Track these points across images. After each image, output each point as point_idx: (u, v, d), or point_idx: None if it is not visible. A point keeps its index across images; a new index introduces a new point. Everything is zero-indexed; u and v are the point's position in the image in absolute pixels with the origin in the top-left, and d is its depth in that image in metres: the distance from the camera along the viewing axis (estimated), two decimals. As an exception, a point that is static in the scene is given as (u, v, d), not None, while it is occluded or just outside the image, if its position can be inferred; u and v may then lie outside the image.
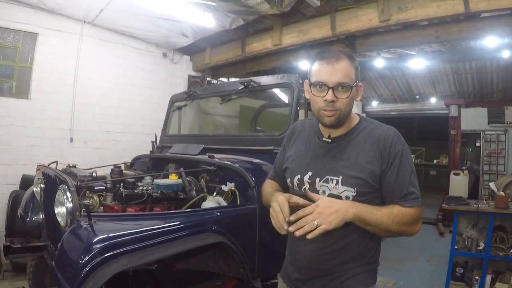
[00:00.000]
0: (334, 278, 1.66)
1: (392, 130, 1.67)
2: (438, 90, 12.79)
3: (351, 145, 1.66)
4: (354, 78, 1.59)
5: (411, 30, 5.52)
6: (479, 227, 4.45)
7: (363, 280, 1.67)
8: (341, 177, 1.60)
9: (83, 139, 6.39)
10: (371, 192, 1.60)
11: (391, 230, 1.56)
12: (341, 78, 1.55)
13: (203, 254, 2.73)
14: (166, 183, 2.85)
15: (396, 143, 1.61)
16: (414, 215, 1.59)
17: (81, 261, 1.89)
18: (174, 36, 6.71)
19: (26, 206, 3.60)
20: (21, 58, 5.74)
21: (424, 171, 13.85)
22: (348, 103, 1.60)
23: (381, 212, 1.54)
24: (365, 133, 1.67)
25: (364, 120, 1.74)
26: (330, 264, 1.66)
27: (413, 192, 1.60)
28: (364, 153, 1.62)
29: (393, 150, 1.60)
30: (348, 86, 1.57)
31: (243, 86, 3.66)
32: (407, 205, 1.58)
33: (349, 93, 1.58)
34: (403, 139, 1.67)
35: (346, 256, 1.64)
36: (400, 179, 1.59)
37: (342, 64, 1.57)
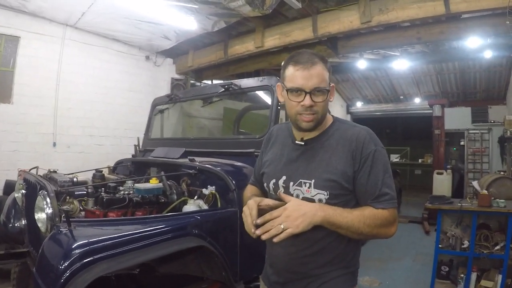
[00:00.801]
0: (312, 282, 1.65)
1: (365, 131, 1.65)
2: (422, 90, 12.96)
3: (324, 147, 1.65)
4: (328, 80, 1.60)
5: (392, 32, 5.60)
6: (463, 225, 4.45)
7: (341, 284, 1.66)
8: (314, 180, 1.59)
9: (66, 143, 6.37)
10: (345, 194, 1.59)
11: (363, 233, 1.54)
12: (318, 83, 1.55)
13: (185, 258, 2.73)
14: (146, 187, 2.84)
15: (368, 143, 1.59)
16: (387, 217, 1.56)
17: (61, 267, 1.89)
18: (156, 39, 6.72)
19: (8, 212, 3.57)
20: (3, 62, 5.71)
21: (409, 171, 13.98)
22: (324, 106, 1.60)
23: (351, 214, 1.52)
24: (338, 134, 1.66)
25: (337, 121, 1.73)
26: (306, 267, 1.65)
27: (387, 193, 1.57)
28: (337, 155, 1.60)
29: (365, 151, 1.58)
30: (325, 90, 1.58)
31: (224, 89, 3.68)
32: (380, 207, 1.55)
33: (326, 97, 1.59)
34: (377, 139, 1.65)
35: (323, 259, 1.63)
36: (372, 180, 1.57)
37: (318, 69, 1.56)
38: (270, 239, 1.77)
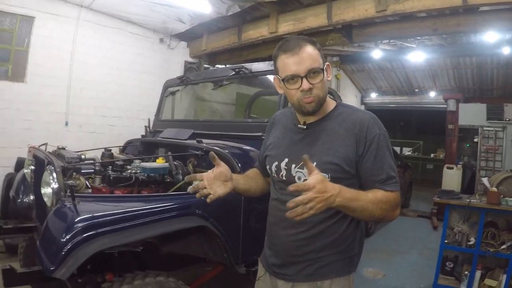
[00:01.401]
0: (309, 265, 1.66)
1: (368, 115, 1.65)
2: (437, 84, 12.80)
3: (326, 130, 1.65)
4: (321, 60, 1.58)
5: (408, 22, 5.50)
6: (471, 222, 4.40)
7: (339, 269, 1.67)
8: (315, 163, 1.54)
9: (78, 123, 6.41)
10: (346, 178, 1.58)
11: (375, 216, 1.55)
12: (310, 64, 1.54)
13: (188, 238, 2.75)
14: (152, 167, 2.86)
15: (372, 127, 1.58)
16: (395, 199, 1.59)
17: (63, 240, 1.92)
18: (171, 22, 6.70)
19: (17, 188, 3.61)
20: (18, 42, 5.74)
21: (421, 165, 13.86)
22: (323, 87, 1.58)
23: (366, 197, 1.51)
24: (341, 118, 1.65)
25: (340, 106, 1.72)
26: (305, 250, 1.65)
27: (393, 176, 1.59)
28: (339, 138, 1.60)
29: (370, 135, 1.57)
30: (320, 70, 1.56)
31: (234, 72, 3.66)
32: (389, 189, 1.56)
33: (321, 77, 1.57)
34: (381, 123, 1.64)
35: (321, 242, 1.64)
36: (378, 164, 1.57)
37: (307, 51, 1.55)
38: (271, 220, 1.79)
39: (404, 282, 4.91)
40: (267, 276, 1.83)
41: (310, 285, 1.66)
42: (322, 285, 1.64)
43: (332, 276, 1.65)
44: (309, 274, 1.66)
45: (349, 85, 13.96)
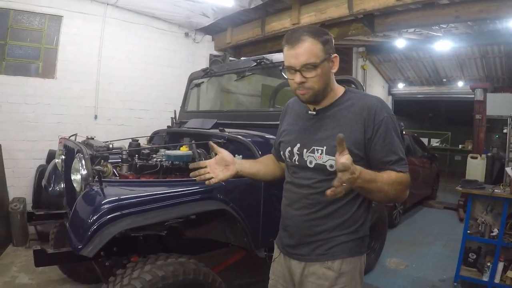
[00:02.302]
0: (321, 245, 1.71)
1: (375, 99, 1.69)
2: (465, 73, 12.52)
3: (335, 115, 1.70)
4: (321, 53, 1.60)
5: (430, 10, 5.40)
6: (494, 213, 4.31)
7: (350, 249, 1.71)
8: (325, 147, 1.64)
9: (107, 116, 6.61)
10: (355, 160, 1.54)
11: (390, 196, 1.59)
12: (305, 60, 1.58)
13: (210, 223, 2.86)
14: (176, 154, 2.97)
15: (380, 111, 1.63)
16: (407, 179, 1.62)
17: (90, 220, 2.05)
18: (195, 17, 6.79)
19: (49, 177, 3.79)
20: (47, 40, 5.96)
21: (449, 156, 13.61)
22: (318, 80, 1.62)
23: (382, 178, 1.54)
24: (349, 103, 1.69)
25: (349, 92, 1.76)
26: (317, 230, 1.71)
27: (403, 158, 1.63)
28: (348, 123, 1.65)
29: (378, 118, 1.61)
30: (313, 65, 1.59)
31: (255, 63, 3.73)
32: (400, 170, 1.60)
33: (317, 71, 1.60)
34: (389, 107, 1.69)
35: (333, 222, 1.69)
36: (388, 146, 1.61)
37: (305, 45, 1.58)
38: (285, 202, 1.86)
39: (426, 273, 4.91)
40: (282, 257, 1.90)
41: (321, 264, 1.71)
42: (333, 264, 1.69)
43: (343, 256, 1.70)
44: (320, 253, 1.72)
45: (376, 75, 13.79)
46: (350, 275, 1.70)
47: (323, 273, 1.70)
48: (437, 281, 4.69)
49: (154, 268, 2.16)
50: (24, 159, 5.73)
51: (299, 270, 1.77)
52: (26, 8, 5.66)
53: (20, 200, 5.33)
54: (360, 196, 1.70)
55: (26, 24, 5.75)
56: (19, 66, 5.75)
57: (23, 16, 5.70)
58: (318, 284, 1.71)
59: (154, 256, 2.30)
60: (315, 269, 1.72)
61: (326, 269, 1.69)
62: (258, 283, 2.33)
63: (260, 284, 2.07)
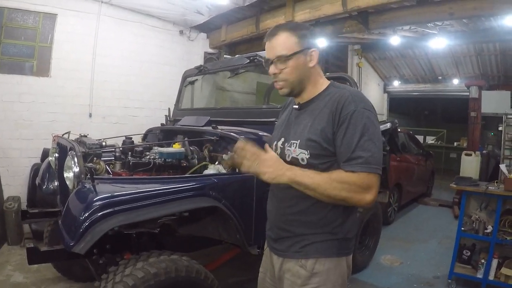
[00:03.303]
0: (296, 242, 1.70)
1: (349, 92, 1.63)
2: (461, 71, 12.55)
3: (312, 109, 1.70)
4: (295, 46, 1.63)
5: (424, 7, 5.41)
6: (489, 210, 4.32)
7: (324, 249, 1.67)
8: (299, 141, 1.65)
9: (102, 114, 6.60)
10: (326, 155, 1.60)
11: (331, 195, 1.53)
12: (278, 51, 1.63)
13: (204, 220, 2.86)
14: (169, 151, 2.98)
15: (348, 104, 1.57)
16: (356, 181, 1.51)
17: (82, 217, 2.05)
18: (190, 14, 6.79)
19: (43, 175, 3.79)
20: (41, 38, 5.94)
21: (445, 153, 13.64)
22: (291, 72, 1.65)
23: (319, 176, 1.53)
24: (328, 98, 1.67)
25: (332, 86, 1.74)
26: (292, 225, 1.71)
27: (360, 156, 1.51)
28: (320, 116, 1.63)
29: (344, 111, 1.56)
30: (285, 57, 1.62)
31: (248, 60, 3.74)
32: (348, 169, 1.52)
33: (290, 62, 1.64)
34: (363, 101, 1.61)
35: (307, 219, 1.67)
36: (346, 141, 1.54)
37: (279, 38, 1.63)
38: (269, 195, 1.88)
39: (421, 270, 4.92)
40: (268, 250, 1.91)
41: (296, 262, 1.70)
42: (306, 263, 1.66)
43: (317, 255, 1.66)
44: (295, 251, 1.70)
45: (371, 73, 13.82)
46: (324, 276, 1.66)
47: (296, 271, 1.69)
48: (431, 278, 4.70)
49: (146, 265, 2.16)
50: (18, 157, 5.72)
51: (278, 266, 1.79)
52: (20, 6, 5.65)
53: (14, 198, 5.31)
54: None
55: (21, 22, 5.73)
56: (14, 65, 5.73)
57: (18, 14, 5.68)
58: (292, 281, 1.70)
59: (146, 253, 2.30)
60: (291, 266, 1.71)
61: (300, 267, 1.68)
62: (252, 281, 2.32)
63: (254, 282, 2.06)
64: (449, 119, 18.27)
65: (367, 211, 4.53)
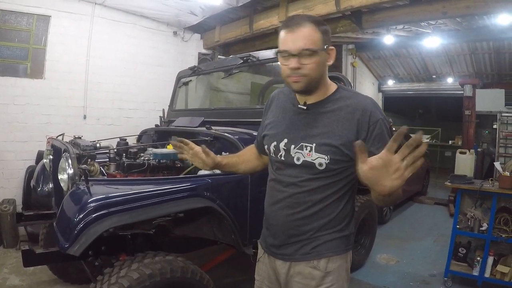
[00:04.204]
0: (306, 244, 1.67)
1: (370, 100, 1.64)
2: (455, 70, 12.61)
3: (326, 112, 1.63)
4: (320, 42, 1.53)
5: (417, 6, 5.44)
6: (484, 207, 4.33)
7: (335, 247, 1.67)
8: (315, 145, 1.59)
9: (96, 116, 6.58)
10: (345, 160, 1.58)
11: (400, 198, 1.57)
12: (304, 44, 1.50)
13: (199, 221, 2.87)
14: (163, 152, 2.99)
15: (375, 113, 1.57)
16: None
17: (76, 219, 2.05)
18: (183, 15, 6.79)
19: (38, 177, 3.78)
20: (35, 40, 5.92)
21: (440, 152, 13.68)
22: (315, 68, 1.54)
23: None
24: (342, 101, 1.63)
25: (341, 89, 1.69)
26: (303, 229, 1.67)
27: None
28: (339, 122, 1.59)
29: (373, 120, 1.55)
30: (312, 51, 1.51)
31: (242, 60, 3.74)
32: None
33: (315, 58, 1.53)
34: (381, 109, 1.65)
35: (319, 222, 1.65)
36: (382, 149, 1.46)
37: (305, 30, 1.51)
38: (269, 201, 1.81)
39: (417, 268, 4.94)
40: (266, 257, 1.85)
41: (307, 264, 1.67)
42: (319, 263, 1.65)
43: (329, 254, 1.66)
44: (305, 253, 1.67)
45: (365, 72, 13.85)
46: (336, 273, 1.67)
47: (309, 272, 1.66)
48: (427, 276, 4.72)
49: (141, 266, 2.16)
50: (13, 160, 5.69)
51: (284, 271, 1.73)
52: (13, 8, 5.62)
53: (10, 201, 5.30)
54: (346, 196, 1.67)
55: (14, 24, 5.71)
56: (7, 67, 5.70)
57: (11, 16, 5.66)
58: (304, 284, 1.67)
59: (141, 255, 2.30)
60: (301, 268, 1.68)
61: (312, 268, 1.66)
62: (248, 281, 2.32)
63: (249, 282, 2.06)
64: (443, 118, 18.34)
65: (362, 210, 4.55)
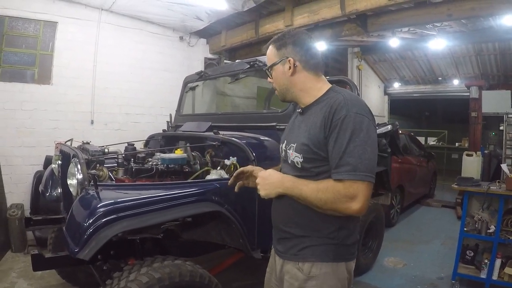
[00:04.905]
0: (295, 244, 1.73)
1: (342, 97, 1.60)
2: (461, 71, 12.57)
3: (310, 114, 1.72)
4: (274, 58, 1.77)
5: (422, 8, 5.43)
6: (491, 210, 4.32)
7: (320, 254, 1.67)
8: (296, 144, 1.70)
9: (104, 121, 6.62)
10: (318, 159, 1.61)
11: (318, 206, 1.56)
12: (268, 63, 1.80)
13: (207, 225, 2.88)
14: (171, 157, 3.00)
15: (340, 109, 1.54)
16: (341, 190, 1.49)
17: (86, 224, 2.07)
18: (189, 20, 6.82)
19: (46, 182, 3.79)
20: (42, 46, 5.97)
21: (446, 154, 13.64)
22: (276, 81, 1.81)
23: (307, 187, 1.57)
24: (325, 102, 1.66)
25: (331, 90, 1.72)
26: (290, 226, 1.75)
27: (348, 162, 1.49)
28: (313, 121, 1.64)
29: (336, 116, 1.54)
30: (269, 69, 1.81)
31: (249, 65, 3.76)
32: (337, 177, 1.51)
33: (272, 73, 1.80)
34: (357, 105, 1.57)
35: (302, 221, 1.70)
36: (336, 147, 1.52)
37: (268, 52, 1.81)
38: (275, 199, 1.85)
39: (424, 271, 4.92)
40: (273, 250, 1.96)
41: (294, 264, 1.73)
42: (303, 266, 1.69)
43: (313, 259, 1.67)
44: (293, 253, 1.73)
45: (371, 75, 13.85)
46: (321, 280, 1.66)
47: (294, 273, 1.72)
48: (435, 279, 4.70)
49: (150, 271, 2.18)
50: (21, 165, 5.73)
51: (279, 267, 1.83)
52: (21, 15, 5.68)
53: (18, 206, 5.34)
54: None
55: (21, 31, 5.77)
56: (15, 73, 5.76)
57: (18, 22, 5.72)
58: (290, 283, 1.73)
59: (150, 259, 2.32)
60: (289, 268, 1.75)
61: (297, 270, 1.71)
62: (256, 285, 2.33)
63: (257, 286, 2.08)
64: (450, 120, 18.29)
65: (369, 213, 4.54)
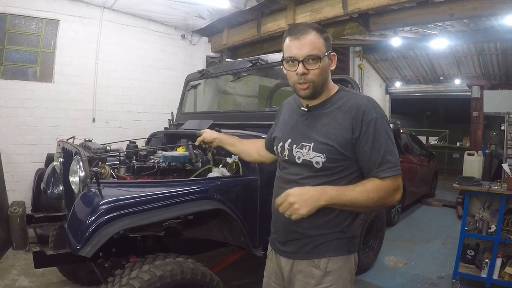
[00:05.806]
0: (308, 243, 1.73)
1: (366, 99, 1.68)
2: (462, 71, 12.56)
3: (325, 113, 1.71)
4: (323, 48, 1.63)
5: (424, 8, 5.44)
6: (492, 209, 4.33)
7: (336, 248, 1.71)
8: (313, 144, 1.66)
9: (105, 119, 6.63)
10: (342, 159, 1.64)
11: (369, 207, 1.62)
12: (310, 51, 1.59)
13: (208, 223, 2.88)
14: (173, 155, 3.00)
15: (369, 111, 1.61)
16: (389, 185, 1.60)
17: (88, 221, 2.07)
18: (191, 18, 6.82)
19: (48, 180, 3.80)
20: (44, 44, 5.98)
21: (448, 154, 13.63)
22: (319, 74, 1.64)
23: (354, 191, 1.57)
24: (341, 102, 1.69)
25: (342, 90, 1.76)
26: (302, 227, 1.71)
27: (389, 160, 1.60)
28: (336, 121, 1.65)
29: (366, 118, 1.60)
30: (318, 57, 1.61)
31: (251, 64, 3.76)
32: (384, 176, 1.59)
33: (319, 64, 1.62)
34: (380, 107, 1.68)
35: (318, 221, 1.68)
36: (375, 147, 1.59)
37: (309, 37, 1.60)
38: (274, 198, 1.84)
39: (425, 270, 4.93)
40: (273, 253, 1.93)
41: (308, 262, 1.73)
42: (319, 262, 1.70)
43: (329, 254, 1.70)
44: (307, 251, 1.73)
45: (373, 74, 13.85)
46: (337, 274, 1.70)
47: (309, 271, 1.72)
48: (435, 278, 4.71)
49: (152, 268, 2.18)
50: (23, 162, 5.74)
51: (288, 268, 1.80)
52: (23, 13, 5.68)
53: (19, 203, 5.34)
54: None
55: (23, 29, 5.77)
56: (17, 70, 5.76)
57: (20, 20, 5.72)
58: (305, 282, 1.72)
59: (152, 256, 2.32)
60: (302, 267, 1.74)
61: (313, 267, 1.71)
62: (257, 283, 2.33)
63: (258, 284, 2.08)
64: (451, 119, 18.28)
65: (369, 214, 4.54)
